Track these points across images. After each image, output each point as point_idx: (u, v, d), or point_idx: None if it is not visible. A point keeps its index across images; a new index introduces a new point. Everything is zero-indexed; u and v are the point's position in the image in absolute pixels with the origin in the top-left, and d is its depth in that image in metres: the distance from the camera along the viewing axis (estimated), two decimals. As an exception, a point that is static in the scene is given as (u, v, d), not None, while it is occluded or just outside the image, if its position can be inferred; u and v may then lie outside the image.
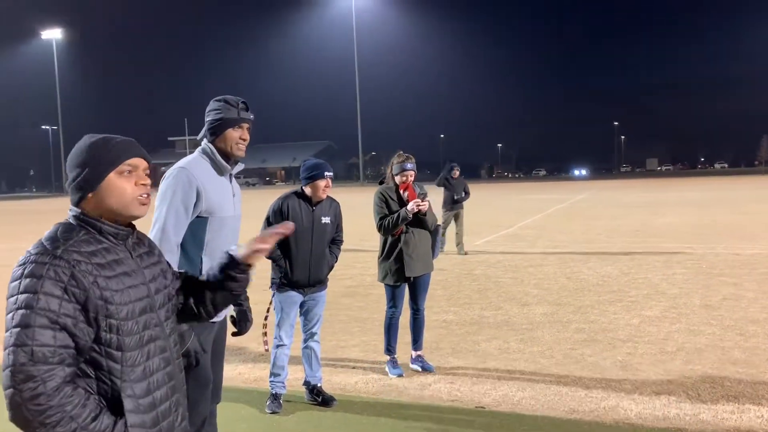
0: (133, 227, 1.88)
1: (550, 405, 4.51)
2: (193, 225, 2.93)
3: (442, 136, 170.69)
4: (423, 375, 5.26)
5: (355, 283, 9.62)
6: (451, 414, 4.43)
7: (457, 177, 12.77)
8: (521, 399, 4.64)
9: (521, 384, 4.96)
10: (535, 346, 5.98)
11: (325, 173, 4.47)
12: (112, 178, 1.77)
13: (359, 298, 8.48)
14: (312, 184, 4.50)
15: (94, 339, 1.68)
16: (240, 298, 3.33)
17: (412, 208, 5.05)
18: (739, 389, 4.68)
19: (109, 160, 1.78)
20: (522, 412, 4.40)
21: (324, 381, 4.99)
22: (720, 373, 5.04)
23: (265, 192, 52.82)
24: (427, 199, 5.15)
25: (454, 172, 12.76)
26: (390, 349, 5.36)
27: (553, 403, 4.54)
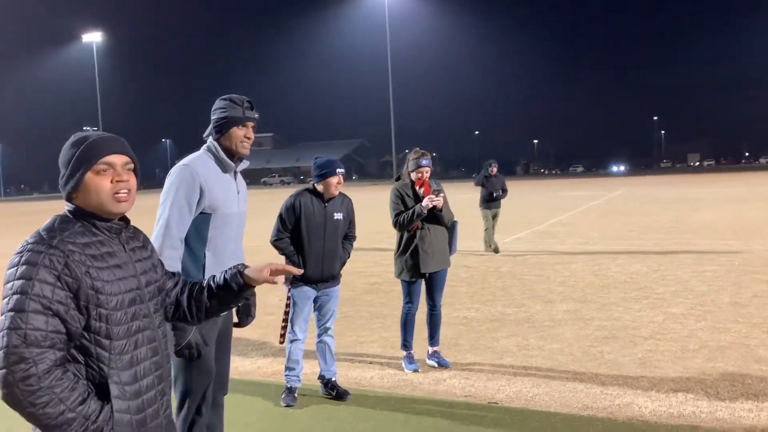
0: (126, 221, 1.95)
1: (563, 401, 4.49)
2: (197, 221, 3.00)
3: (477, 133, 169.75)
4: (438, 370, 5.27)
5: (379, 280, 9.66)
6: (464, 409, 4.44)
7: (495, 174, 12.74)
8: (535, 395, 4.63)
9: (536, 380, 4.93)
10: (555, 343, 5.94)
11: (337, 170, 4.52)
12: (89, 177, 1.83)
13: (382, 294, 8.52)
14: (324, 182, 4.55)
15: (84, 326, 1.75)
16: (247, 292, 3.40)
17: (427, 204, 5.07)
18: (760, 387, 4.59)
19: (84, 159, 1.84)
20: (534, 408, 4.38)
21: (341, 375, 5.06)
22: (742, 371, 4.94)
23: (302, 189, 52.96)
24: (442, 194, 5.16)
25: (491, 168, 12.74)
26: (406, 344, 5.39)
27: (566, 400, 4.51)
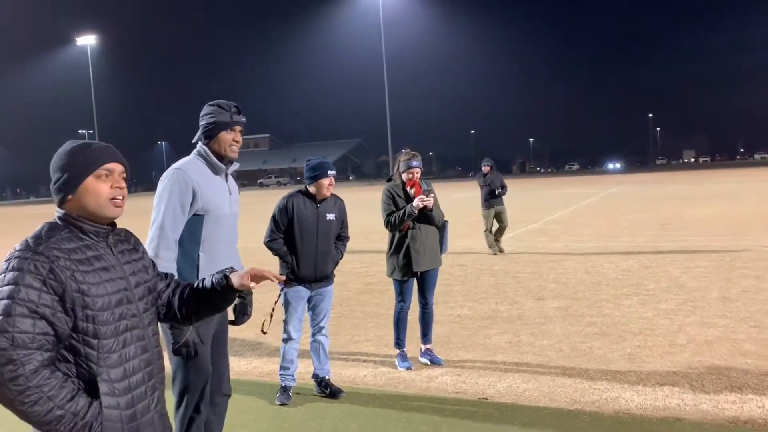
0: (113, 225, 2.04)
1: (552, 396, 4.58)
2: (190, 223, 3.09)
3: (473, 132, 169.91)
4: (431, 368, 5.37)
5: (374, 280, 9.75)
6: (455, 405, 4.53)
7: (489, 172, 12.21)
8: (525, 390, 4.72)
9: (526, 376, 5.03)
10: (545, 339, 6.04)
11: (328, 172, 4.62)
12: (90, 181, 1.94)
13: (377, 294, 8.61)
14: (316, 183, 4.65)
15: (72, 327, 1.85)
16: (242, 293, 3.49)
17: (417, 204, 5.17)
18: (744, 380, 4.69)
19: (87, 164, 1.94)
20: (524, 403, 4.48)
21: (334, 374, 5.15)
22: (727, 365, 5.05)
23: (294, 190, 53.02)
24: (432, 194, 5.26)
25: (484, 167, 12.25)
26: (399, 342, 5.49)
27: (555, 395, 4.61)
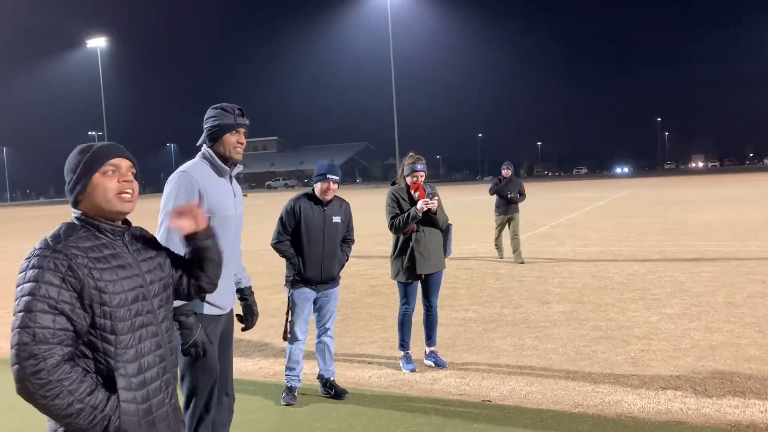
0: (128, 224, 2.10)
1: (555, 399, 4.61)
2: None
3: (480, 135, 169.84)
4: (435, 370, 5.40)
5: (380, 283, 9.79)
6: (458, 407, 4.56)
7: (509, 176, 11.80)
8: (528, 393, 4.75)
9: (530, 379, 5.06)
10: (549, 343, 6.06)
11: (328, 176, 4.69)
12: (97, 177, 2.01)
13: (382, 297, 8.65)
14: (316, 185, 4.75)
15: (90, 324, 1.91)
16: (244, 294, 3.55)
17: (421, 207, 5.21)
18: (747, 385, 4.70)
19: (93, 161, 2.01)
20: (527, 406, 4.51)
21: (340, 375, 5.19)
22: (731, 370, 5.06)
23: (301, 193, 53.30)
24: (436, 198, 5.30)
25: (504, 171, 11.84)
26: (404, 344, 5.53)
27: (558, 398, 4.63)
